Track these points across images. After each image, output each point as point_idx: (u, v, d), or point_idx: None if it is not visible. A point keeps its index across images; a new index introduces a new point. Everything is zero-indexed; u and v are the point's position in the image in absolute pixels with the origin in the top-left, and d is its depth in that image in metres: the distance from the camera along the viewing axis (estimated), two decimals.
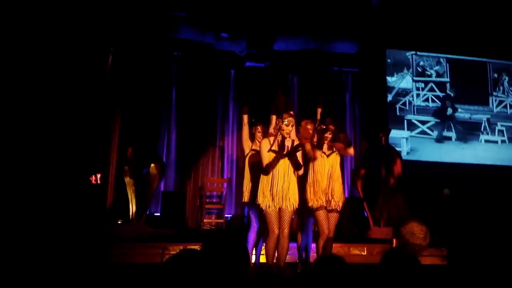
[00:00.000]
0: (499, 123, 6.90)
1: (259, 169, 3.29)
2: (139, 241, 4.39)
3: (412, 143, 6.53)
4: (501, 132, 6.90)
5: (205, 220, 5.34)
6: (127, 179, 5.22)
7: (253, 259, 3.82)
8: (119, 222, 5.21)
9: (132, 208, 5.24)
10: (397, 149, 6.11)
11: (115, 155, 5.58)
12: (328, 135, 3.48)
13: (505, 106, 7.02)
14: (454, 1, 5.75)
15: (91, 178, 5.24)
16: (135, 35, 5.65)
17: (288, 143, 3.24)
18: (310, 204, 3.41)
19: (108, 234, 4.56)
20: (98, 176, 5.27)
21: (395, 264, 1.55)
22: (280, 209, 3.22)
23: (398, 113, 6.61)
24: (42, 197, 4.55)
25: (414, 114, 6.65)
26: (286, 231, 3.41)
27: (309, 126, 3.45)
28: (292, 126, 3.24)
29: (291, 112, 3.33)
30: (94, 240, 4.19)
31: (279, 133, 3.22)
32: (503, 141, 6.85)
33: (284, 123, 3.20)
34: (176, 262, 1.62)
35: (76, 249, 3.91)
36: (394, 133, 6.32)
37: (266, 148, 3.20)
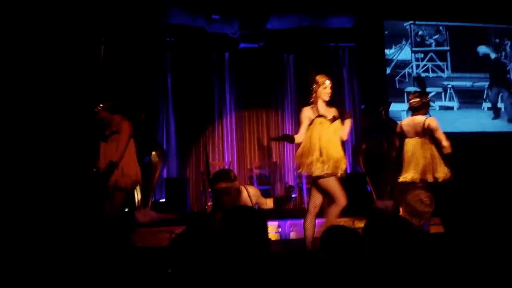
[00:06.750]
0: (502, 90, 6.79)
1: None
2: (147, 226, 4.51)
3: None
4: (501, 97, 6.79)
5: (209, 204, 5.41)
6: None
7: None
8: (126, 210, 5.31)
9: (138, 196, 5.32)
10: (398, 122, 6.06)
11: None
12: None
13: (508, 72, 6.88)
14: None
15: (93, 170, 5.31)
16: (126, 22, 5.59)
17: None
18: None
19: (121, 221, 4.65)
20: None
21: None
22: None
23: (397, 86, 6.52)
24: (47, 194, 4.60)
25: (413, 86, 6.55)
26: None
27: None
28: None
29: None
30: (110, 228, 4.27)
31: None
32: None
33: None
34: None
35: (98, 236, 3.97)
36: (394, 106, 6.25)
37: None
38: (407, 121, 3.79)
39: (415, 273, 1.58)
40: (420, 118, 3.64)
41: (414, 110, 3.75)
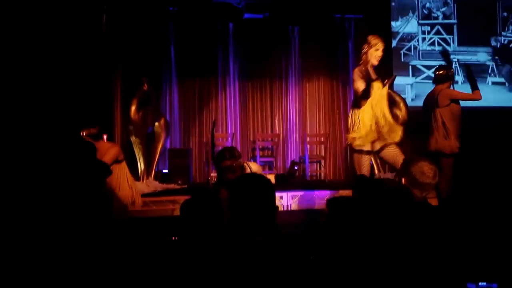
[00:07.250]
0: (507, 64, 6.72)
1: None
2: (150, 195, 4.56)
3: (417, 89, 6.43)
4: (509, 73, 6.73)
5: (212, 174, 5.46)
6: (133, 138, 5.31)
7: None
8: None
9: (141, 166, 5.38)
10: (402, 96, 6.04)
11: (119, 116, 5.63)
12: None
13: None
14: None
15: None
16: None
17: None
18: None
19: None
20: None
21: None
22: None
23: (402, 59, 6.45)
24: (49, 164, 4.60)
25: (419, 59, 6.48)
26: None
27: None
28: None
29: None
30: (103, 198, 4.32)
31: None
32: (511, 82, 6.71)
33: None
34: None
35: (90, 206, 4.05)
36: (399, 80, 6.18)
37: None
38: (430, 93, 3.86)
39: (411, 240, 1.63)
40: (439, 88, 3.69)
41: (438, 81, 3.79)
